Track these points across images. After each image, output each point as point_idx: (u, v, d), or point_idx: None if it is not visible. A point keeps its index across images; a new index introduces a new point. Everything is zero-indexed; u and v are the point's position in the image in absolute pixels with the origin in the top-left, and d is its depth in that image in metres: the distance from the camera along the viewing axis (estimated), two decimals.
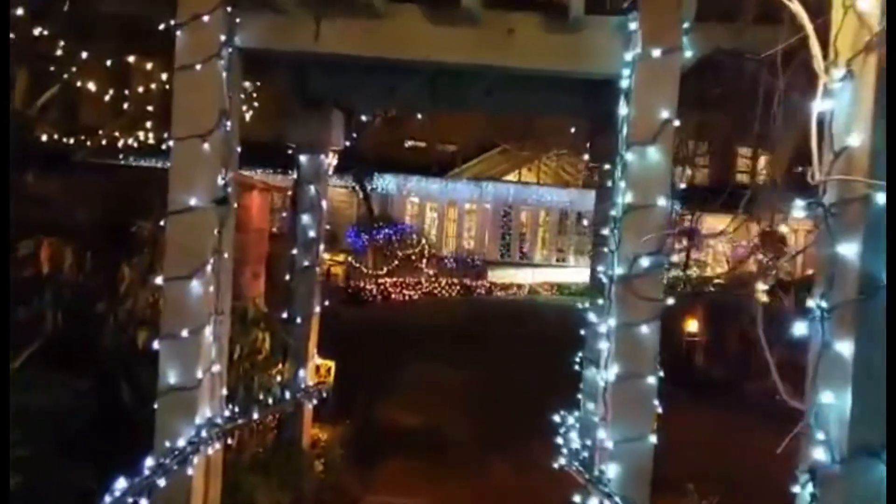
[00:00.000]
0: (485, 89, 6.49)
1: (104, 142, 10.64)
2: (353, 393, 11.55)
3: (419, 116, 29.94)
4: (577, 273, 30.21)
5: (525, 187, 30.12)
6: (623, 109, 4.58)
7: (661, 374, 4.53)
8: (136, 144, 10.94)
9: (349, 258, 26.58)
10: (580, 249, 31.24)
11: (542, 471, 9.70)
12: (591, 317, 6.18)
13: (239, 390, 5.77)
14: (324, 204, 6.78)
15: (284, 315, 6.70)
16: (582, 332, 6.50)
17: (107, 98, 10.66)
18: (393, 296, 24.99)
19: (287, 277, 6.70)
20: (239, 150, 5.05)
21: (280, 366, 6.53)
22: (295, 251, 6.70)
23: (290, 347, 6.57)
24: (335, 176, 29.66)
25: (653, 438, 4.41)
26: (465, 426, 11.14)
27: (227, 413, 4.95)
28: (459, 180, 30.26)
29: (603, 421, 4.43)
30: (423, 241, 27.74)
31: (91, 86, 10.27)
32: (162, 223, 4.64)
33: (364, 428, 9.77)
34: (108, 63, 10.18)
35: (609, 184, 5.72)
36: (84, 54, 9.49)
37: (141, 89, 10.80)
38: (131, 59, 10.32)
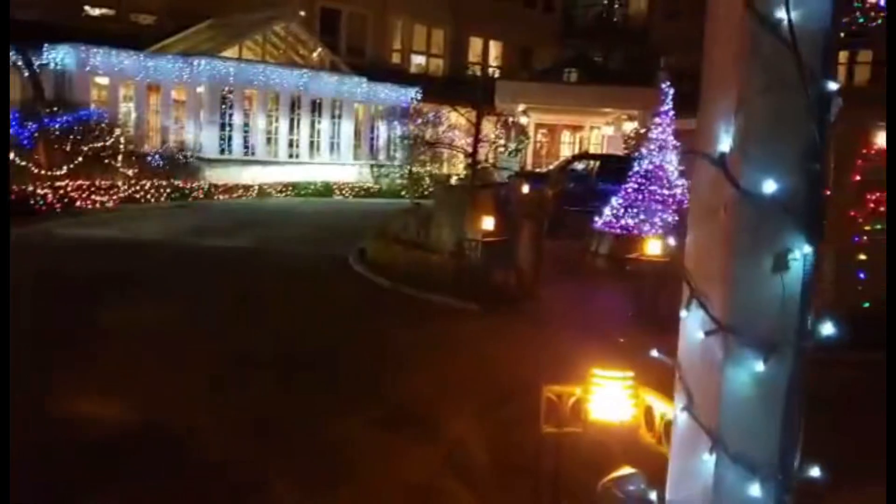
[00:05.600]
0: None
1: None
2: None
3: None
4: (313, 170, 25.34)
5: (249, 66, 24.09)
6: None
7: None
8: None
9: (11, 154, 19.19)
10: (316, 143, 26.23)
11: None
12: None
13: None
14: None
15: None
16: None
17: None
18: (78, 203, 18.36)
19: None
20: None
21: None
22: None
23: None
24: None
25: None
26: (221, 420, 6.10)
27: None
28: (163, 56, 23.46)
29: None
30: (118, 132, 20.97)
31: None
32: None
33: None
34: None
35: None
36: None
37: None
38: None
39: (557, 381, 3.30)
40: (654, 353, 1.98)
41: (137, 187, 20.29)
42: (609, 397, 2.72)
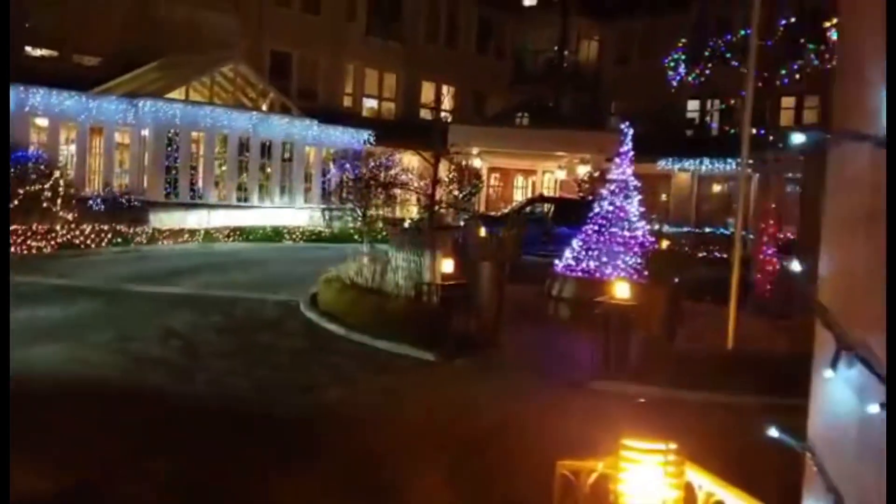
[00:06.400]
0: None
1: None
2: None
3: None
4: (262, 215, 24.52)
5: (196, 107, 23.31)
6: None
7: None
8: None
9: None
10: (266, 187, 25.44)
11: None
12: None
13: None
14: None
15: None
16: None
17: None
18: (13, 248, 17.27)
19: None
20: None
21: None
22: None
23: None
24: None
25: None
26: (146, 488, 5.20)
27: None
28: (107, 98, 22.57)
29: None
30: (57, 174, 19.96)
31: None
32: None
33: None
34: None
35: None
36: None
37: None
38: None
39: (527, 440, 2.68)
40: (775, 432, 1.36)
41: (77, 232, 19.22)
42: (645, 476, 2.10)
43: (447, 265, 11.39)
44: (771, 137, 17.35)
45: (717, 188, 32.07)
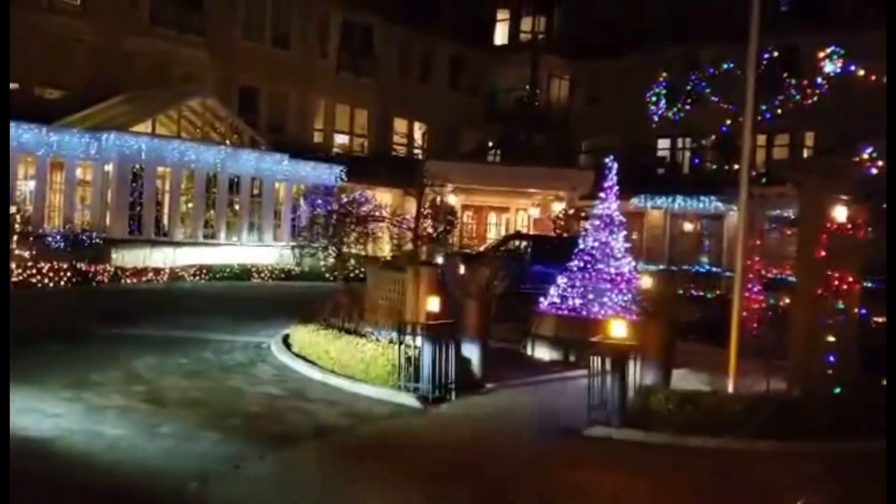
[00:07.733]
0: None
1: None
2: None
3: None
4: (230, 252, 23.59)
5: (162, 142, 22.45)
6: None
7: None
8: None
9: None
10: (234, 223, 24.54)
11: None
12: None
13: None
14: None
15: None
16: None
17: None
18: None
19: None
20: None
21: None
22: None
23: None
24: None
25: None
26: None
27: None
28: (69, 131, 21.65)
29: None
30: (14, 210, 18.97)
31: None
32: None
33: None
34: None
35: None
36: None
37: None
38: None
39: None
40: None
41: (34, 271, 18.16)
42: None
43: (433, 303, 10.59)
44: (754, 173, 17.01)
45: (689, 226, 31.93)
